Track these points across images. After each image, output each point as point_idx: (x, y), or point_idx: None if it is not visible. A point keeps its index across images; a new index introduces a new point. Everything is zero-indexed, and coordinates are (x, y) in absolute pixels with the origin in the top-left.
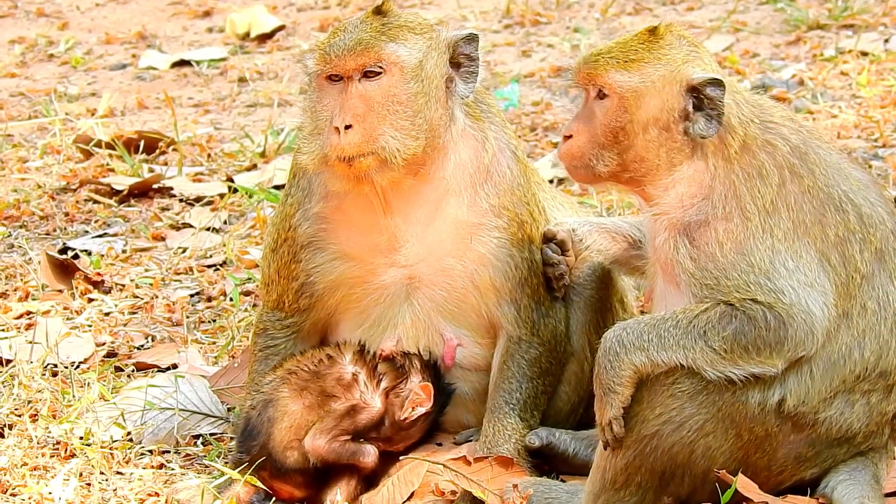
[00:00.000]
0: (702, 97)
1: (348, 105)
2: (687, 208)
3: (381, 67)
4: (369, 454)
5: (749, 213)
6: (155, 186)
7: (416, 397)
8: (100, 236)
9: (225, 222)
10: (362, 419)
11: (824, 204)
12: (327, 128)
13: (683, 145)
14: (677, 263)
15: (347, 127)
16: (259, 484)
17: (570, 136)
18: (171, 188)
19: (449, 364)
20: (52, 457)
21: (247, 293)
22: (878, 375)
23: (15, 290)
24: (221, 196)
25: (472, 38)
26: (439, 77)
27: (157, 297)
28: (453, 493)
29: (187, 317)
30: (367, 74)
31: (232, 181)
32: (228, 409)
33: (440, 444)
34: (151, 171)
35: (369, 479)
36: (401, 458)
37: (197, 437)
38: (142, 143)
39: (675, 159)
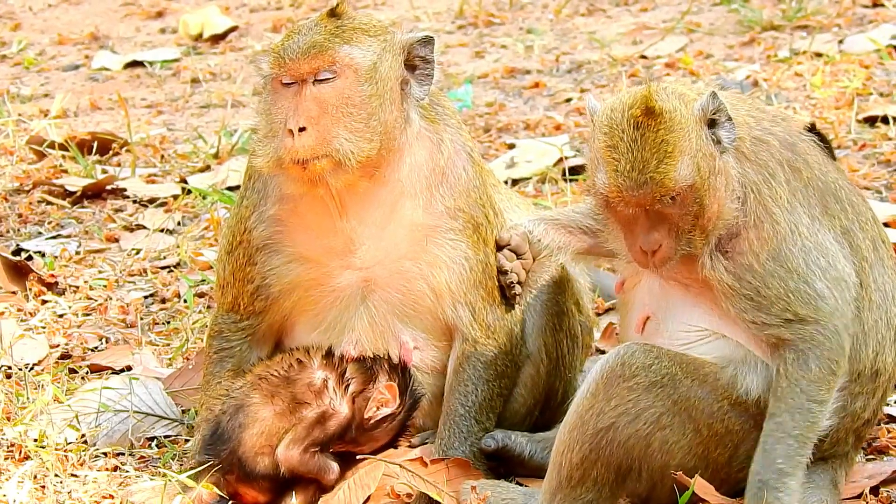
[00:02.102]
0: (711, 120)
1: (302, 108)
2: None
3: (334, 70)
4: (333, 472)
5: (776, 216)
6: (108, 188)
7: (381, 396)
8: (53, 238)
9: (179, 224)
10: (331, 426)
11: (824, 194)
12: (281, 130)
13: (724, 167)
14: (715, 279)
15: (301, 130)
16: (217, 490)
17: (657, 250)
18: (125, 189)
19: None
20: (6, 459)
21: (201, 295)
22: (870, 376)
23: None
24: (175, 197)
25: (427, 41)
26: (394, 79)
27: (110, 298)
28: (409, 495)
29: (141, 318)
30: (320, 77)
31: (185, 182)
32: (183, 412)
33: (396, 447)
34: (105, 172)
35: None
36: (357, 456)
37: (151, 439)
38: (95, 145)
39: (726, 187)
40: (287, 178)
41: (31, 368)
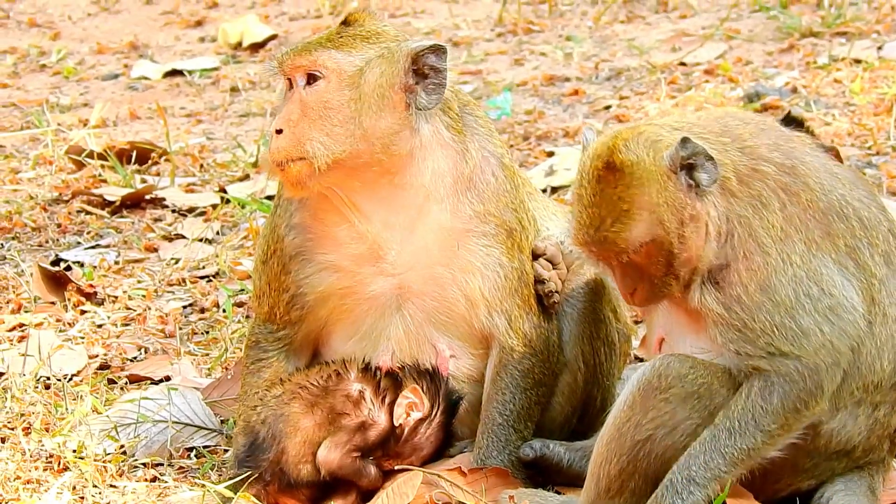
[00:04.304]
0: (687, 163)
1: (285, 110)
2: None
3: (319, 73)
4: (370, 476)
5: (767, 247)
6: (147, 197)
7: (408, 401)
8: (92, 248)
9: (217, 233)
10: (371, 436)
11: (827, 214)
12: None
13: (701, 212)
14: (706, 308)
15: (279, 132)
16: (257, 501)
17: (634, 292)
18: (164, 199)
19: (442, 375)
20: (45, 470)
21: (239, 304)
22: (891, 387)
23: (7, 303)
24: (214, 207)
25: (437, 50)
26: (386, 86)
27: (149, 308)
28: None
29: (180, 328)
30: (310, 81)
31: (224, 192)
32: (222, 422)
33: (447, 453)
34: (144, 181)
35: (368, 493)
36: (395, 467)
37: (190, 449)
38: (134, 154)
39: (703, 231)
40: (281, 183)
41: (70, 379)
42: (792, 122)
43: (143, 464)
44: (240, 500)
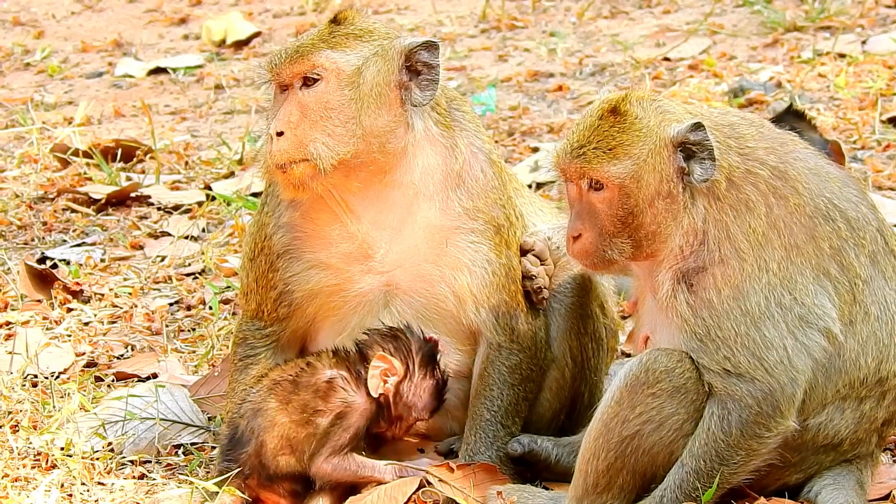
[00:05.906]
0: (689, 147)
1: (283, 112)
2: (686, 257)
3: (318, 74)
4: (385, 472)
5: (744, 253)
6: (133, 195)
7: (378, 370)
8: (78, 245)
9: (203, 230)
10: (354, 422)
11: (813, 218)
12: (267, 136)
13: (683, 200)
14: (674, 308)
15: (279, 134)
16: (241, 494)
17: (579, 236)
18: (149, 196)
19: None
20: (33, 468)
21: (226, 301)
22: (876, 382)
23: None
24: (199, 204)
25: (430, 46)
26: (384, 84)
27: (136, 306)
28: (435, 502)
29: (167, 326)
30: (307, 82)
31: (210, 189)
32: (209, 419)
33: (422, 451)
34: (129, 179)
35: (351, 487)
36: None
37: (178, 446)
38: (119, 152)
39: (677, 217)
40: (278, 184)
41: (57, 377)
42: (794, 114)
43: (131, 461)
44: (224, 494)
